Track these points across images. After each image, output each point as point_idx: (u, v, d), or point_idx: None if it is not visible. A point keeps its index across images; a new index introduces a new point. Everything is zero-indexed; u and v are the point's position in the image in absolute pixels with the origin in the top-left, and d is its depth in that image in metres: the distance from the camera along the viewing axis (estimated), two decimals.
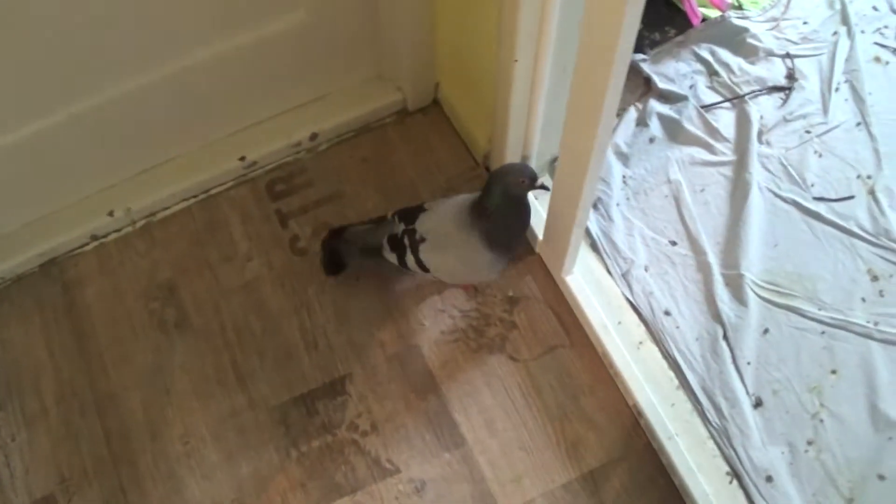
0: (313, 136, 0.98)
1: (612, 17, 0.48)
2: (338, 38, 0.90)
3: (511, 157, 0.89)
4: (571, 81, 0.61)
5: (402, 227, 0.76)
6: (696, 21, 1.06)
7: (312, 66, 0.93)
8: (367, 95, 0.99)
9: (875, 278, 0.89)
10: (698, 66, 1.03)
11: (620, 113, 0.99)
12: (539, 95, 0.78)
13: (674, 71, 1.03)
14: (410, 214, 0.75)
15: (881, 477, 0.78)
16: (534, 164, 0.88)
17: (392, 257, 0.75)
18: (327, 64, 0.94)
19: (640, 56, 1.04)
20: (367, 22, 0.89)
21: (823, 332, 0.86)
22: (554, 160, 0.90)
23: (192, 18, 0.78)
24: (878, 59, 1.05)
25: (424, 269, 0.74)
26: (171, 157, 0.94)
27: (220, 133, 0.95)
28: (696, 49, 1.05)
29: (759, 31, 1.06)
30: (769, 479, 0.78)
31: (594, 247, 0.91)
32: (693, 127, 0.98)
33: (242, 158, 0.95)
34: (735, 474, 0.79)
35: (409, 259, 0.74)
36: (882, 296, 0.88)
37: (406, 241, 0.74)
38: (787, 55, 1.03)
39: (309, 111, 0.97)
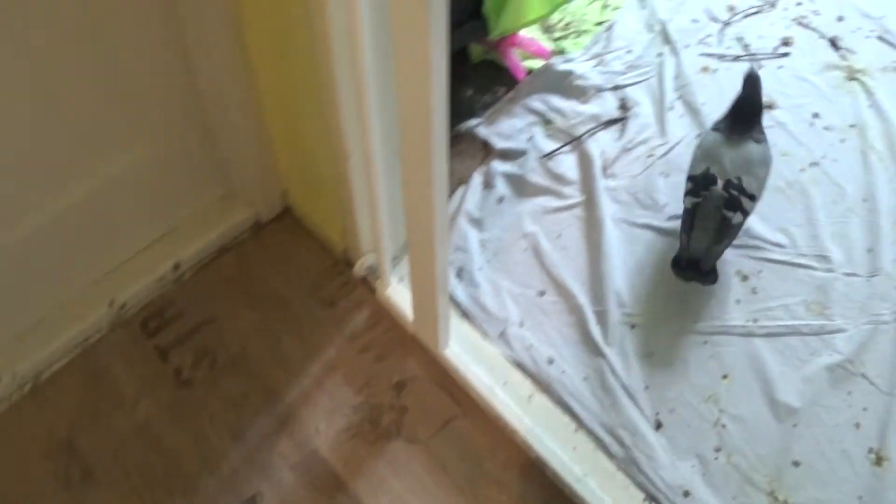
0: (176, 267, 1.68)
1: (422, 106, 0.99)
2: (180, 166, 1.60)
3: (366, 247, 1.67)
4: (401, 169, 1.23)
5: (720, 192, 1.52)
6: (521, 76, 1.97)
7: (161, 199, 1.62)
8: (220, 216, 1.72)
9: (745, 278, 1.71)
10: (533, 118, 1.92)
11: (466, 180, 1.83)
12: (377, 187, 1.45)
13: (510, 128, 1.91)
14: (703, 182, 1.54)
15: (795, 463, 1.50)
16: (388, 252, 1.65)
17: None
18: (175, 193, 1.64)
19: (475, 121, 1.92)
20: (205, 145, 1.60)
21: (706, 342, 1.63)
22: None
23: (33, 173, 1.38)
24: (706, 69, 1.98)
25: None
26: (42, 316, 1.51)
27: (85, 281, 1.60)
28: (528, 102, 1.95)
29: (586, 69, 1.98)
30: (686, 494, 1.48)
31: (466, 315, 1.68)
32: (538, 178, 1.84)
33: (112, 303, 1.57)
34: (652, 498, 1.48)
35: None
36: (755, 293, 1.69)
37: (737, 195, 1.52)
38: (616, 87, 1.94)
39: (167, 243, 1.67)
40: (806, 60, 1.97)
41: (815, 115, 1.88)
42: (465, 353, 1.57)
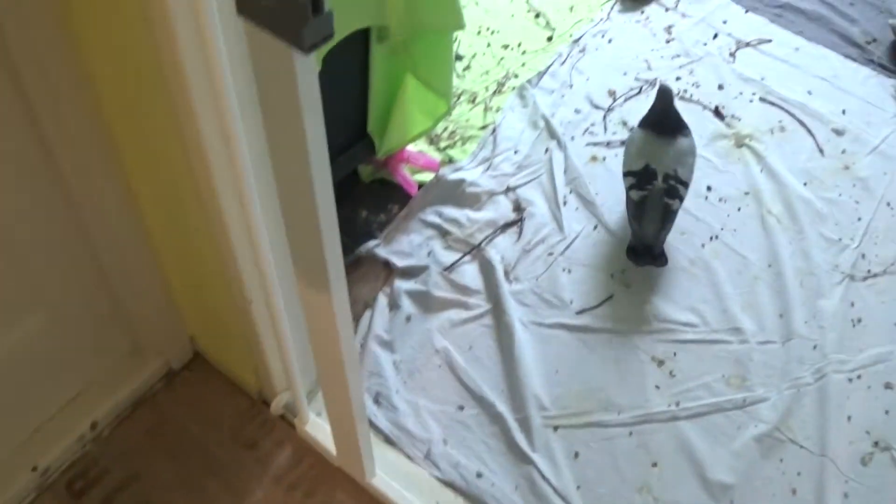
0: (93, 426, 1.83)
1: (313, 242, 1.14)
2: (84, 325, 1.76)
3: (280, 386, 1.87)
4: (302, 305, 1.43)
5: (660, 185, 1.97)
6: (413, 191, 2.24)
7: (69, 359, 1.77)
8: (131, 369, 1.88)
9: (661, 363, 1.96)
10: (430, 232, 2.18)
11: (371, 303, 2.07)
12: (282, 326, 1.64)
13: (408, 245, 2.17)
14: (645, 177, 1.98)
15: None
16: (302, 388, 1.85)
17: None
18: (83, 352, 1.79)
19: (373, 242, 2.16)
20: (106, 303, 1.76)
21: (631, 433, 1.86)
22: None
23: None
24: (594, 159, 2.28)
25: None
26: None
27: (4, 449, 1.72)
28: (423, 216, 2.21)
29: (476, 176, 2.26)
30: None
31: (389, 440, 1.89)
32: (442, 292, 2.08)
33: (34, 468, 1.74)
34: None
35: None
36: (673, 376, 1.94)
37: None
38: (508, 189, 2.23)
39: (82, 402, 1.82)
40: (692, 134, 2.28)
41: (709, 188, 2.18)
42: (394, 479, 1.76)
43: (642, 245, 1.97)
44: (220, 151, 1.26)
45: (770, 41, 2.63)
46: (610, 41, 2.58)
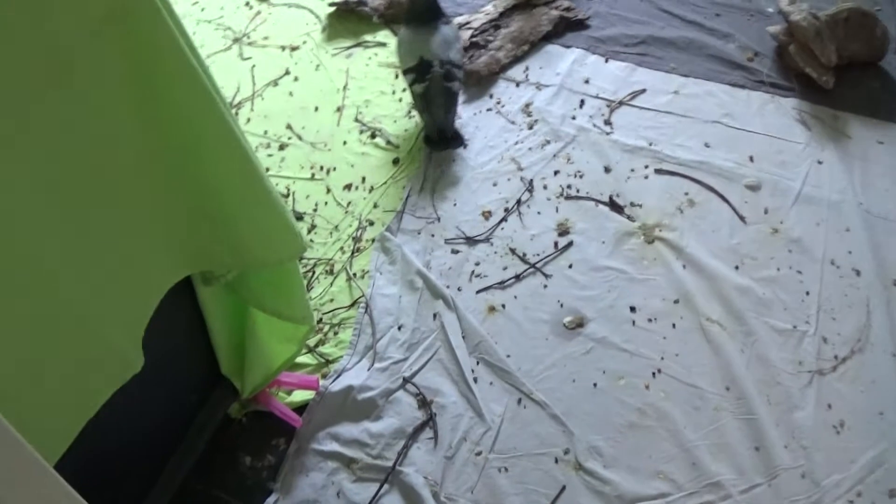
0: None
1: None
2: None
3: None
4: None
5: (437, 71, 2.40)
6: (296, 421, 2.09)
7: None
8: None
9: None
10: (331, 465, 2.02)
11: None
12: None
13: (311, 489, 2.00)
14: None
15: None
16: None
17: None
18: None
19: (270, 499, 2.00)
20: None
21: None
22: None
23: None
24: (492, 309, 2.16)
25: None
26: None
27: None
28: (317, 446, 2.05)
29: (363, 377, 2.11)
30: None
31: None
32: None
33: None
34: None
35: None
36: None
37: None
38: (404, 381, 2.09)
39: None
40: (593, 242, 2.25)
41: (633, 309, 2.09)
42: None
43: (437, 132, 2.42)
44: None
45: (644, 91, 2.57)
46: (466, 146, 2.45)
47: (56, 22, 1.12)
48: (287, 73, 2.87)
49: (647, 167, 2.37)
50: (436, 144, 2.44)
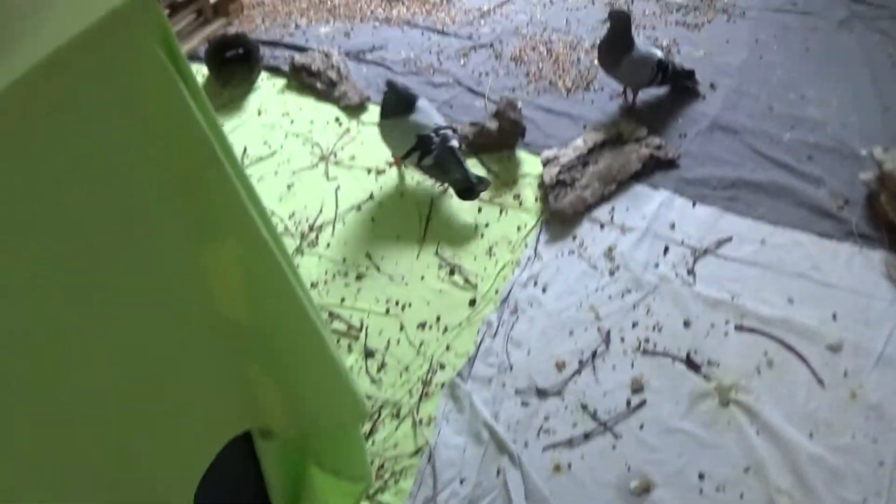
0: None
1: None
2: None
3: None
4: None
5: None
6: None
7: None
8: None
9: None
10: None
11: None
12: None
13: None
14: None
15: None
16: None
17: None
18: None
19: None
20: None
21: None
22: None
23: None
24: (557, 468, 2.27)
25: None
26: None
27: None
28: None
29: None
30: None
31: None
32: None
33: None
34: None
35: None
36: None
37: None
38: None
39: None
40: (666, 402, 2.33)
41: (701, 477, 2.18)
42: None
43: (463, 185, 2.81)
44: None
45: (730, 239, 2.67)
46: (544, 290, 2.59)
47: (134, 182, 1.28)
48: (371, 197, 3.04)
49: (727, 322, 2.46)
50: (470, 192, 2.84)
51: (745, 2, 3.95)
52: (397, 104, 2.90)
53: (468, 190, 2.81)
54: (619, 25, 3.06)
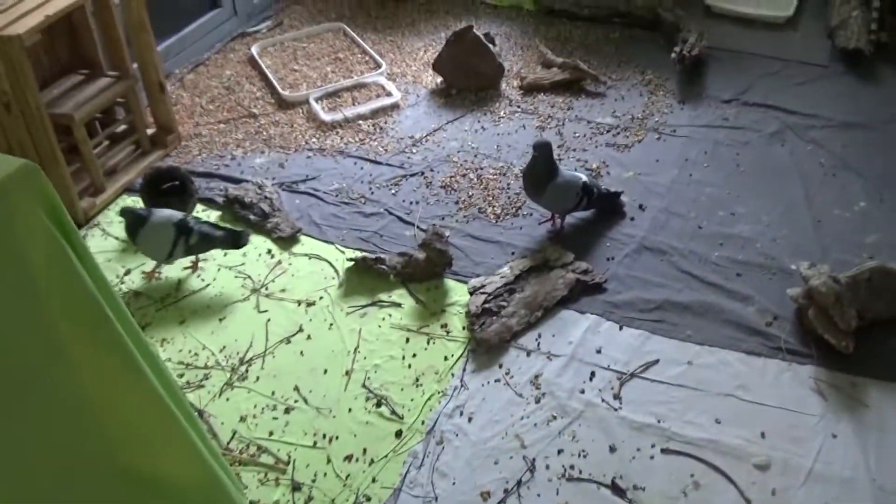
0: None
1: None
2: None
3: None
4: None
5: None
6: None
7: None
8: None
9: None
10: None
11: None
12: None
13: None
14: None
15: None
16: None
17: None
18: None
19: None
20: None
21: None
22: None
23: None
24: None
25: None
26: None
27: None
28: None
29: None
30: None
31: None
32: None
33: None
34: None
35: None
36: None
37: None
38: None
39: None
40: None
41: None
42: None
43: (233, 238, 3.34)
44: None
45: (657, 362, 2.75)
46: (470, 419, 2.66)
47: (18, 340, 1.35)
48: (300, 330, 3.12)
49: (653, 446, 2.54)
50: (241, 238, 3.36)
51: (676, 119, 4.08)
52: (136, 223, 3.23)
53: (238, 238, 3.31)
54: (542, 154, 3.18)
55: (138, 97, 3.91)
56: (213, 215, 3.69)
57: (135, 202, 3.72)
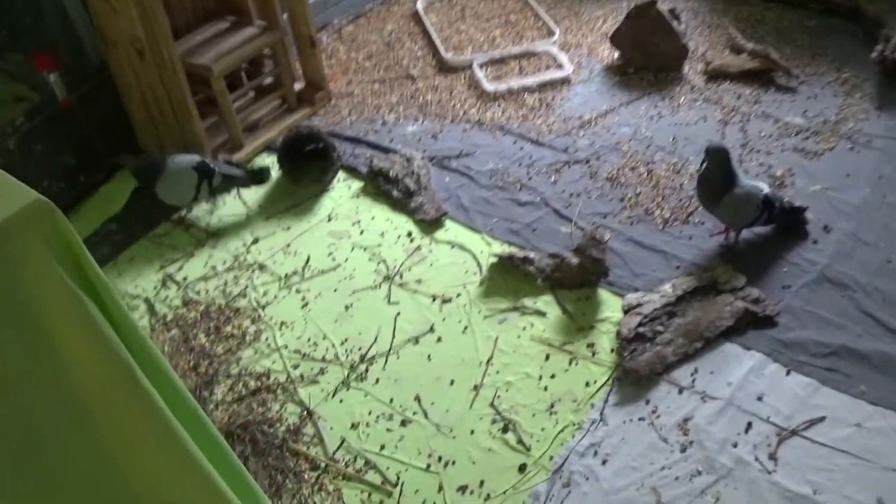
0: None
1: None
2: None
3: None
4: None
5: None
6: None
7: None
8: None
9: None
10: None
11: None
12: None
13: None
14: None
15: None
16: None
17: None
18: None
19: None
20: None
21: None
22: None
23: None
24: None
25: None
26: None
27: None
28: None
29: None
30: None
31: None
32: None
33: None
34: None
35: None
36: None
37: None
38: None
39: None
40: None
41: None
42: None
43: (252, 177, 3.61)
44: None
45: (823, 419, 2.51)
46: (605, 461, 2.47)
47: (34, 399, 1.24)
48: (432, 330, 2.98)
49: None
50: (263, 177, 3.67)
51: (872, 128, 3.69)
52: (152, 171, 3.34)
53: (260, 176, 3.60)
54: (717, 162, 2.92)
55: (287, 50, 3.79)
56: (354, 186, 3.56)
57: (273, 162, 3.62)
